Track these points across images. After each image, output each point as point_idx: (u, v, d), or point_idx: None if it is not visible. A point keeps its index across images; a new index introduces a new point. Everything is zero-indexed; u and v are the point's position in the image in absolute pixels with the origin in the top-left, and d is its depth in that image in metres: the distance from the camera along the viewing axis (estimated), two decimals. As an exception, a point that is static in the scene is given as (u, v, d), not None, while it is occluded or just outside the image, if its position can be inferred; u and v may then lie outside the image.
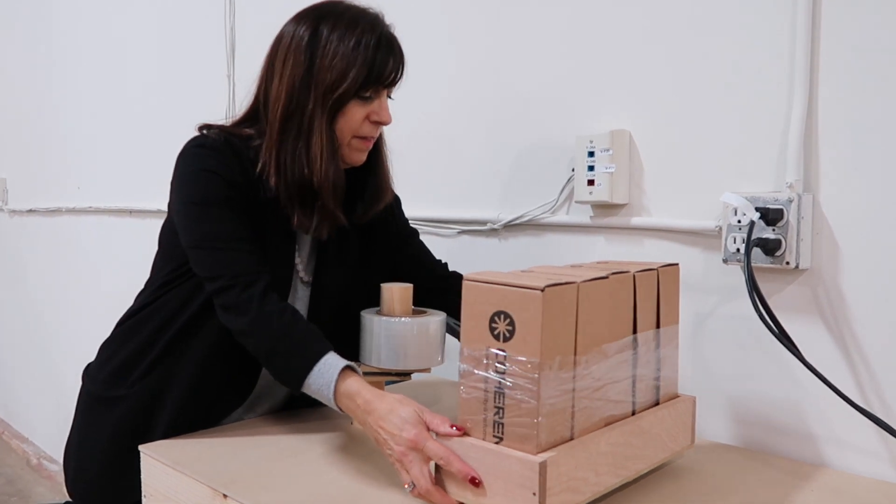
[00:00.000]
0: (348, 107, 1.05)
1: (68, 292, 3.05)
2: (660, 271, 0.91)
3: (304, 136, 1.04)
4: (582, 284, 0.78)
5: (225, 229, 1.04)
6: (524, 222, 1.38)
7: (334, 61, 1.02)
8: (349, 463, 0.98)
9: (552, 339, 0.75)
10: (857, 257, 0.98)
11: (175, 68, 2.35)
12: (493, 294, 0.77)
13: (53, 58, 3.06)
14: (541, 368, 0.74)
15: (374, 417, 0.89)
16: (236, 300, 1.01)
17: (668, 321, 0.93)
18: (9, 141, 3.50)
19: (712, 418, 1.13)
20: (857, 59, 0.97)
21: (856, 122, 0.98)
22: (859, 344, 0.99)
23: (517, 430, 0.76)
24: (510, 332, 0.76)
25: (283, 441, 1.06)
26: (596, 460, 0.81)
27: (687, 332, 1.13)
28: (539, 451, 0.75)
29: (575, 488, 0.78)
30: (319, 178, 1.04)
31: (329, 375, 0.95)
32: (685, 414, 0.96)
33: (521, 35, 1.38)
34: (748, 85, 1.07)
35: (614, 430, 0.84)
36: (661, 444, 0.92)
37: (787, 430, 1.06)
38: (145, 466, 1.04)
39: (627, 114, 1.22)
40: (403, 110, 1.62)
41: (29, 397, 3.46)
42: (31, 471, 3.22)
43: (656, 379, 0.92)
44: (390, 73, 1.06)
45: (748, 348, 1.09)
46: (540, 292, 0.73)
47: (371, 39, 1.04)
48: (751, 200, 1.03)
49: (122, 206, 2.57)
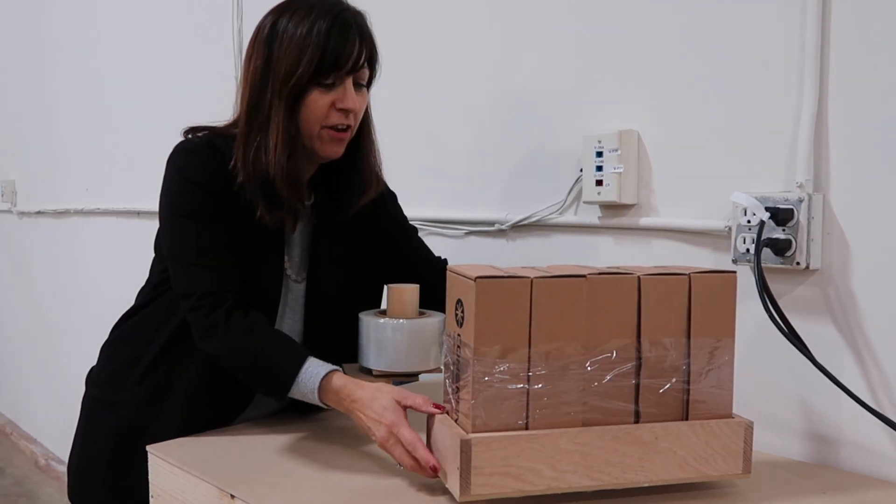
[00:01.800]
0: (309, 96, 1.03)
1: (76, 293, 3.06)
2: (694, 277, 0.86)
3: (264, 128, 1.04)
4: (537, 280, 0.81)
5: (197, 243, 1.05)
6: (532, 223, 1.38)
7: (288, 50, 1.02)
8: (356, 463, 0.98)
9: (489, 327, 0.80)
10: (869, 258, 0.98)
11: (183, 70, 2.36)
12: (456, 283, 0.85)
13: (62, 60, 3.07)
14: (475, 354, 0.80)
15: (357, 406, 0.95)
16: (203, 322, 1.03)
17: (707, 332, 0.87)
18: (18, 143, 3.52)
19: (722, 420, 1.12)
20: (868, 58, 0.96)
21: (867, 122, 0.97)
22: (870, 344, 0.98)
23: (465, 410, 0.82)
24: (462, 318, 0.83)
25: (290, 441, 1.06)
26: (553, 455, 0.81)
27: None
28: (476, 432, 0.80)
29: (518, 475, 0.81)
30: (274, 169, 1.03)
31: (311, 384, 0.99)
32: (728, 437, 0.87)
33: (530, 36, 1.37)
34: (758, 84, 1.07)
35: (588, 431, 0.83)
36: (680, 462, 0.86)
37: (796, 431, 1.05)
38: (153, 467, 1.04)
39: (636, 114, 1.21)
40: (412, 111, 1.62)
41: (37, 398, 3.47)
42: (39, 472, 3.23)
43: (682, 392, 0.86)
44: (348, 57, 1.02)
45: (758, 349, 1.08)
46: (473, 282, 0.79)
47: (324, 25, 1.01)
48: (761, 200, 1.02)
49: (129, 208, 2.57)
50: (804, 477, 0.96)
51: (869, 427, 0.97)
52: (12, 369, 3.76)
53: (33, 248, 3.40)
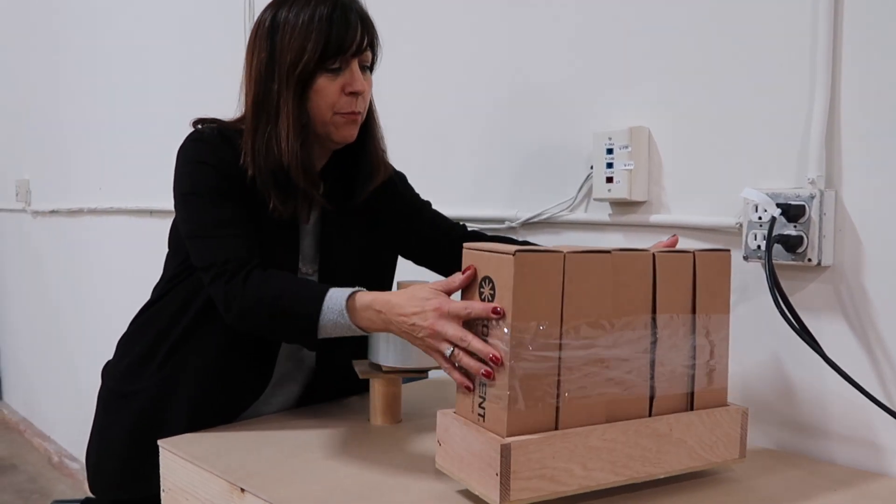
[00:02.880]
0: (317, 82, 1.04)
1: (89, 292, 3.08)
2: (697, 255, 0.89)
3: (273, 119, 1.05)
4: (570, 255, 0.79)
5: (216, 216, 1.05)
6: (542, 220, 1.38)
7: (292, 40, 1.03)
8: (366, 458, 0.98)
9: (526, 302, 0.77)
10: (881, 254, 0.97)
11: (196, 69, 2.37)
12: (481, 260, 0.82)
13: (76, 60, 3.09)
14: (513, 330, 0.76)
15: (395, 311, 0.89)
16: (225, 289, 1.01)
17: (709, 308, 0.90)
18: (32, 143, 3.54)
19: (732, 417, 1.12)
20: (880, 53, 0.96)
21: (879, 117, 0.96)
22: (883, 341, 0.97)
23: (495, 402, 0.79)
24: (492, 296, 0.80)
25: (300, 436, 1.07)
26: (584, 454, 0.81)
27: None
28: (511, 434, 0.77)
29: (553, 477, 0.79)
30: (288, 158, 1.04)
31: (338, 306, 0.95)
32: (729, 425, 0.91)
33: (540, 32, 1.37)
34: (769, 79, 1.06)
35: (614, 427, 0.83)
36: (689, 452, 0.88)
37: (808, 428, 1.04)
38: (164, 461, 1.04)
39: (646, 110, 1.21)
40: (420, 109, 1.63)
41: (50, 396, 3.50)
42: (53, 469, 3.26)
43: (689, 367, 0.89)
44: (352, 40, 1.04)
45: (770, 345, 1.08)
46: (512, 257, 0.76)
47: (325, 11, 1.03)
48: (772, 196, 1.02)
49: (143, 207, 2.59)
50: (815, 475, 0.95)
51: (882, 425, 0.96)
52: (26, 367, 3.79)
53: (47, 247, 3.43)
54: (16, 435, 3.73)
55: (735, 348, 1.11)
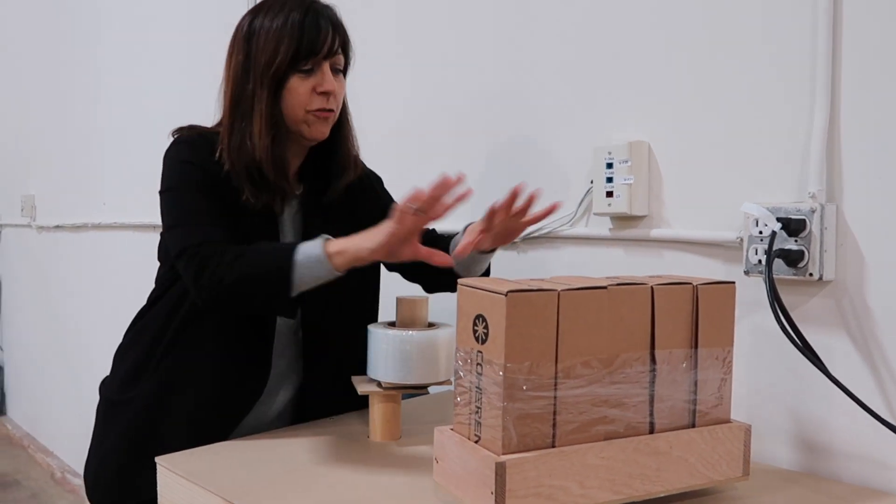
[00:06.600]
0: (290, 82, 1.10)
1: (93, 307, 3.09)
2: (700, 288, 0.87)
3: (248, 117, 1.11)
4: (564, 293, 0.79)
5: (193, 207, 1.09)
6: (542, 235, 1.37)
7: (266, 43, 1.09)
8: (365, 474, 0.97)
9: (520, 343, 0.77)
10: (883, 268, 0.96)
11: (200, 84, 2.38)
12: (474, 298, 0.82)
13: (80, 75, 3.12)
14: (506, 371, 0.76)
15: (368, 236, 0.98)
16: (195, 263, 1.03)
17: (711, 342, 0.88)
18: (37, 158, 3.56)
19: (735, 434, 1.11)
20: (880, 66, 0.95)
21: (880, 130, 0.96)
22: (886, 357, 0.96)
23: (489, 430, 0.79)
24: (486, 334, 0.80)
25: (296, 454, 1.06)
26: (581, 472, 0.80)
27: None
28: (507, 453, 0.77)
29: (549, 496, 0.78)
30: (260, 152, 1.10)
31: (314, 254, 0.99)
32: (731, 442, 0.89)
33: (539, 47, 1.37)
34: (769, 93, 1.06)
35: (612, 444, 0.82)
36: (690, 469, 0.87)
37: (812, 446, 1.03)
38: (161, 477, 1.04)
39: (646, 125, 1.21)
40: (422, 122, 1.63)
41: (54, 411, 3.49)
42: (55, 484, 3.25)
43: (690, 402, 0.87)
44: (322, 43, 1.10)
45: (771, 362, 1.07)
46: (504, 297, 0.76)
47: (297, 17, 1.09)
48: (772, 211, 1.01)
49: (146, 222, 2.59)
50: (818, 493, 0.94)
51: (885, 441, 0.95)
52: (30, 382, 3.80)
53: (52, 262, 3.44)
54: (19, 450, 3.72)
55: (737, 364, 1.10)
